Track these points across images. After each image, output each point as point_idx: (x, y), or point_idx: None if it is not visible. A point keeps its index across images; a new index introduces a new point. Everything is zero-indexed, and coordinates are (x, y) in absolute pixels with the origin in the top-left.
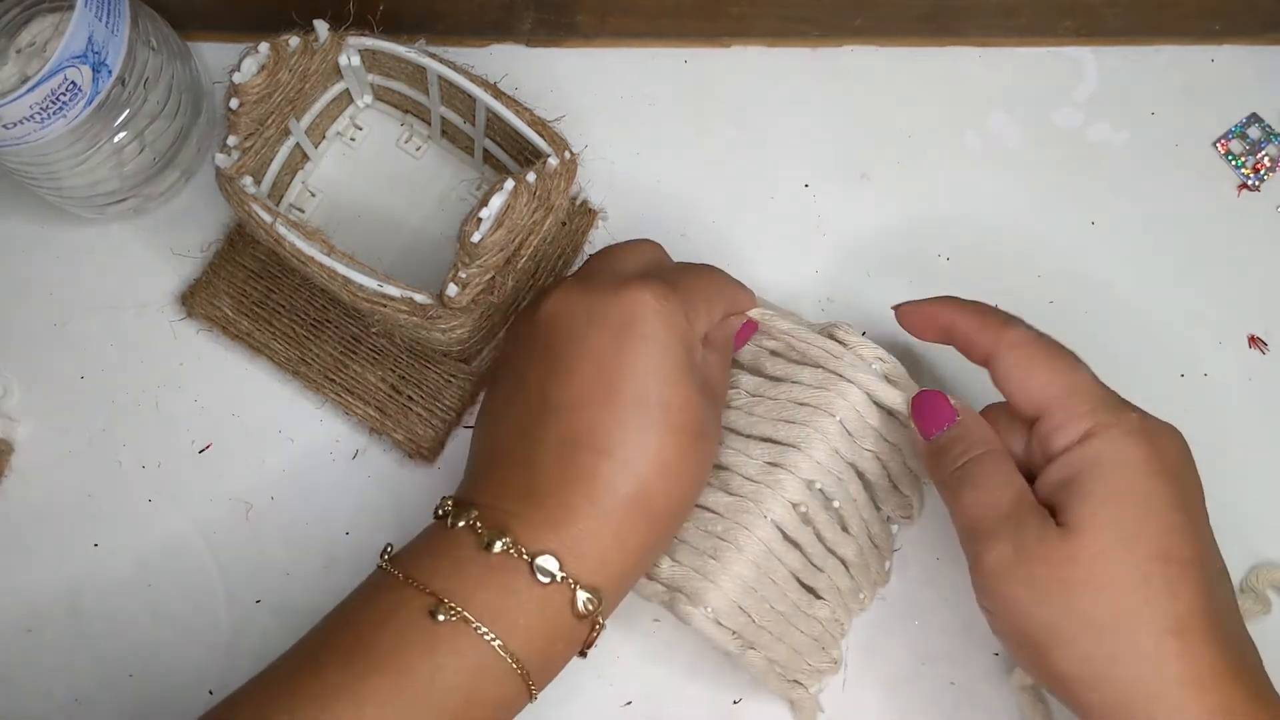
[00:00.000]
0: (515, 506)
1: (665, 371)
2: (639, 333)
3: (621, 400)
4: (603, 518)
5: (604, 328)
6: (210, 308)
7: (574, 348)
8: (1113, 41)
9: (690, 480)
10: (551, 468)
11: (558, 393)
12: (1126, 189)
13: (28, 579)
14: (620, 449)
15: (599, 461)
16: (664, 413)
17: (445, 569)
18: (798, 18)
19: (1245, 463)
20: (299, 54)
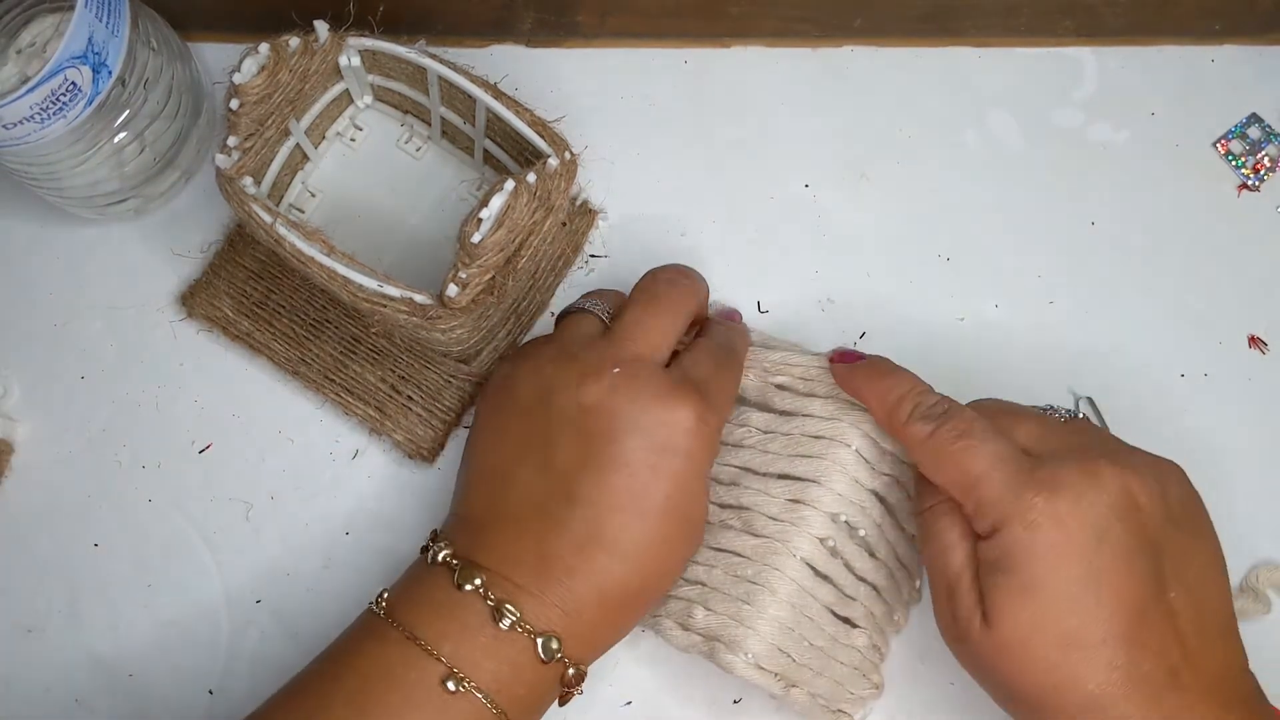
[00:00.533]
0: (526, 582)
1: (694, 490)
2: (677, 456)
3: (651, 514)
4: (603, 609)
5: (646, 441)
6: (210, 308)
7: (613, 449)
8: (1113, 41)
9: (681, 567)
10: (569, 557)
11: (589, 489)
12: (1126, 189)
13: (28, 579)
14: (635, 557)
15: (613, 565)
16: (683, 526)
17: (454, 633)
18: (798, 18)
19: (1245, 463)
20: (299, 54)
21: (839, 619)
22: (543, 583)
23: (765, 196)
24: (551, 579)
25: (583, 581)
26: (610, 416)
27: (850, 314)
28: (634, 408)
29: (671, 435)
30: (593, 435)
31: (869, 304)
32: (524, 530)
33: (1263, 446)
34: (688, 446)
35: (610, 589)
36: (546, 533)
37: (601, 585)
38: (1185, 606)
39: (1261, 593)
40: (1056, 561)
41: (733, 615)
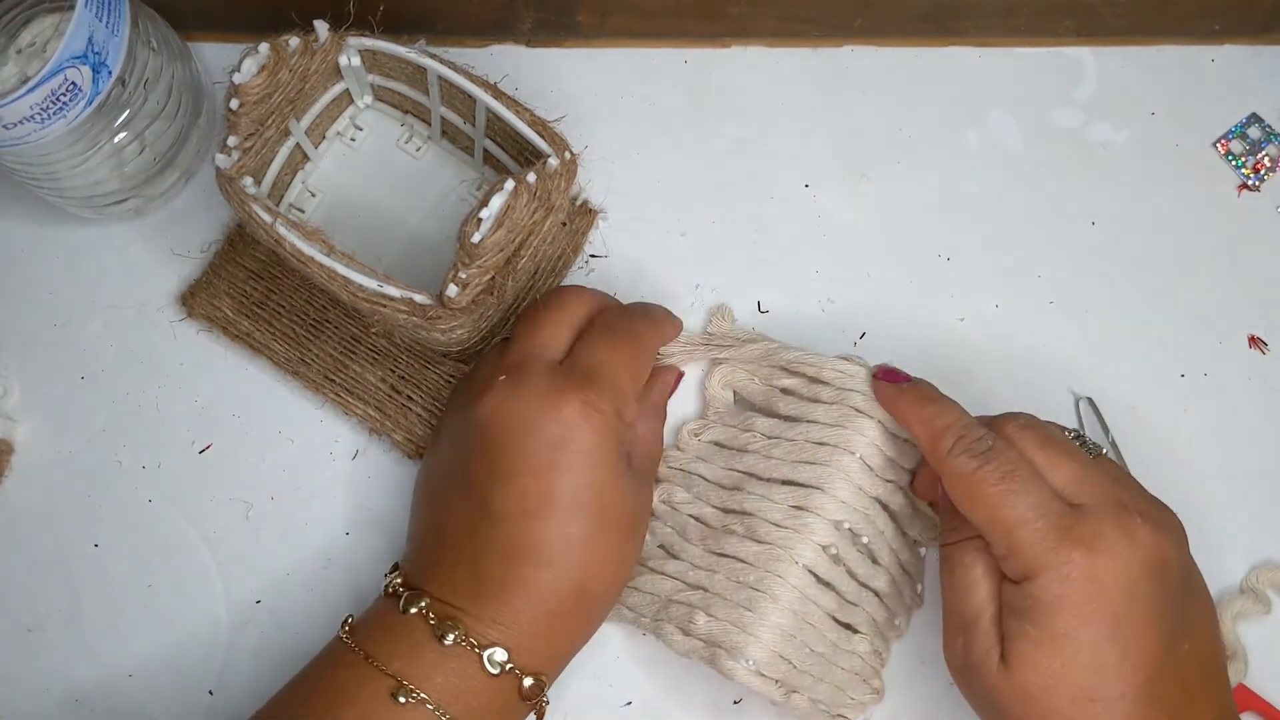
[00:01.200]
0: (463, 603)
1: (600, 479)
2: (572, 448)
3: (560, 512)
4: (544, 618)
5: (539, 440)
6: (210, 308)
7: (512, 456)
8: (1113, 41)
9: (626, 566)
10: (496, 574)
11: (500, 500)
12: (1126, 189)
13: (28, 579)
14: (561, 559)
15: (540, 572)
16: (601, 517)
17: (403, 651)
18: (798, 18)
19: (1245, 462)
20: (299, 54)
21: (840, 625)
22: (479, 602)
23: (765, 196)
24: (485, 597)
25: (515, 594)
26: (504, 425)
27: (850, 314)
28: (524, 410)
29: (562, 430)
30: (492, 448)
31: (869, 304)
32: (458, 554)
33: (1262, 446)
34: (581, 437)
35: (543, 597)
36: (476, 552)
37: (533, 595)
38: (1192, 658)
39: (1261, 593)
40: (1088, 617)
41: (734, 621)
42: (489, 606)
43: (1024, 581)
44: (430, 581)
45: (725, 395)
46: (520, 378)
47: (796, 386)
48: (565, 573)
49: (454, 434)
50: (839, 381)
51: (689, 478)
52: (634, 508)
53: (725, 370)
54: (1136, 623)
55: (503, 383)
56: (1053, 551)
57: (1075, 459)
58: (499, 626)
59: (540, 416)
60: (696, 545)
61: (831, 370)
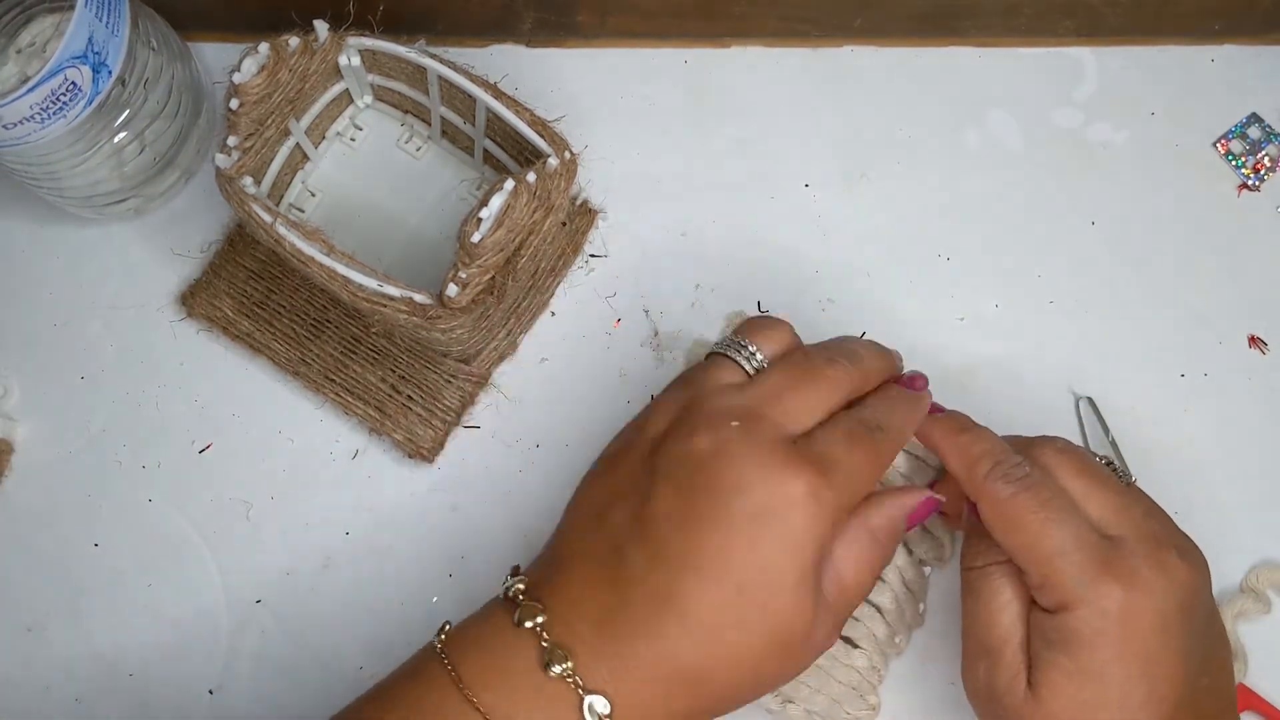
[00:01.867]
0: (585, 629)
1: (784, 579)
2: (776, 527)
3: (729, 586)
4: (661, 681)
5: (746, 503)
6: (210, 308)
7: (708, 507)
8: (1113, 41)
9: (761, 683)
10: (638, 613)
11: (676, 544)
12: (1126, 189)
13: (28, 579)
14: (705, 631)
15: (679, 632)
16: (761, 617)
17: (497, 680)
18: (798, 18)
19: (1245, 463)
20: (299, 54)
21: (841, 638)
22: (603, 635)
23: (765, 196)
24: (613, 633)
25: (645, 644)
26: (716, 472)
27: (850, 314)
28: (744, 466)
29: (776, 504)
30: (692, 488)
31: (869, 304)
32: (600, 574)
33: (1263, 446)
34: (791, 520)
35: (670, 659)
36: (621, 582)
37: (663, 653)
38: (1210, 693)
39: (1262, 593)
40: (1122, 653)
41: None
42: (610, 645)
43: (1059, 612)
44: (556, 596)
45: None
46: (755, 431)
47: None
48: (703, 647)
49: (650, 451)
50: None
51: None
52: (801, 628)
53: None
54: (1166, 659)
55: (735, 428)
56: (1091, 585)
57: (1111, 488)
58: (612, 671)
59: (759, 480)
60: None
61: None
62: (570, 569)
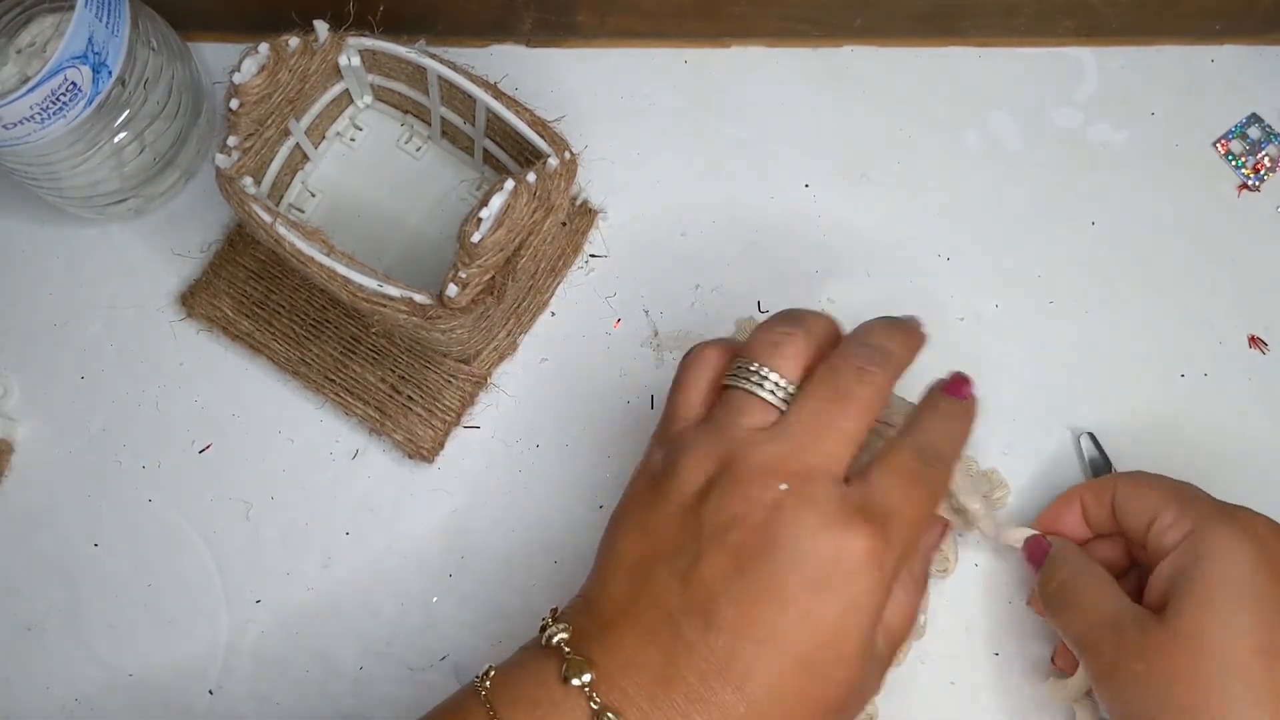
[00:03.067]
0: (636, 693)
1: (845, 649)
2: (837, 599)
3: (788, 659)
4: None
5: (805, 575)
6: (210, 308)
7: (764, 577)
8: (1113, 41)
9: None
10: (694, 682)
11: (731, 614)
12: (1126, 189)
13: (28, 579)
14: (764, 703)
15: (736, 701)
16: (821, 687)
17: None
18: (798, 18)
19: (1245, 463)
20: (299, 54)
21: None
22: (657, 701)
23: (765, 196)
24: (667, 701)
25: (698, 712)
26: (769, 539)
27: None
28: (798, 533)
29: (835, 574)
30: (746, 556)
31: (869, 304)
32: (651, 639)
33: (1263, 446)
34: (851, 590)
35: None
36: (675, 650)
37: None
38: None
39: None
40: (1254, 570)
41: None
42: (663, 712)
43: (1191, 536)
44: (606, 653)
45: None
46: (805, 492)
47: None
48: (756, 714)
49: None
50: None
51: None
52: (857, 691)
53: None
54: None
55: (786, 493)
56: (1225, 513)
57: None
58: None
59: (816, 549)
60: None
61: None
62: (619, 629)
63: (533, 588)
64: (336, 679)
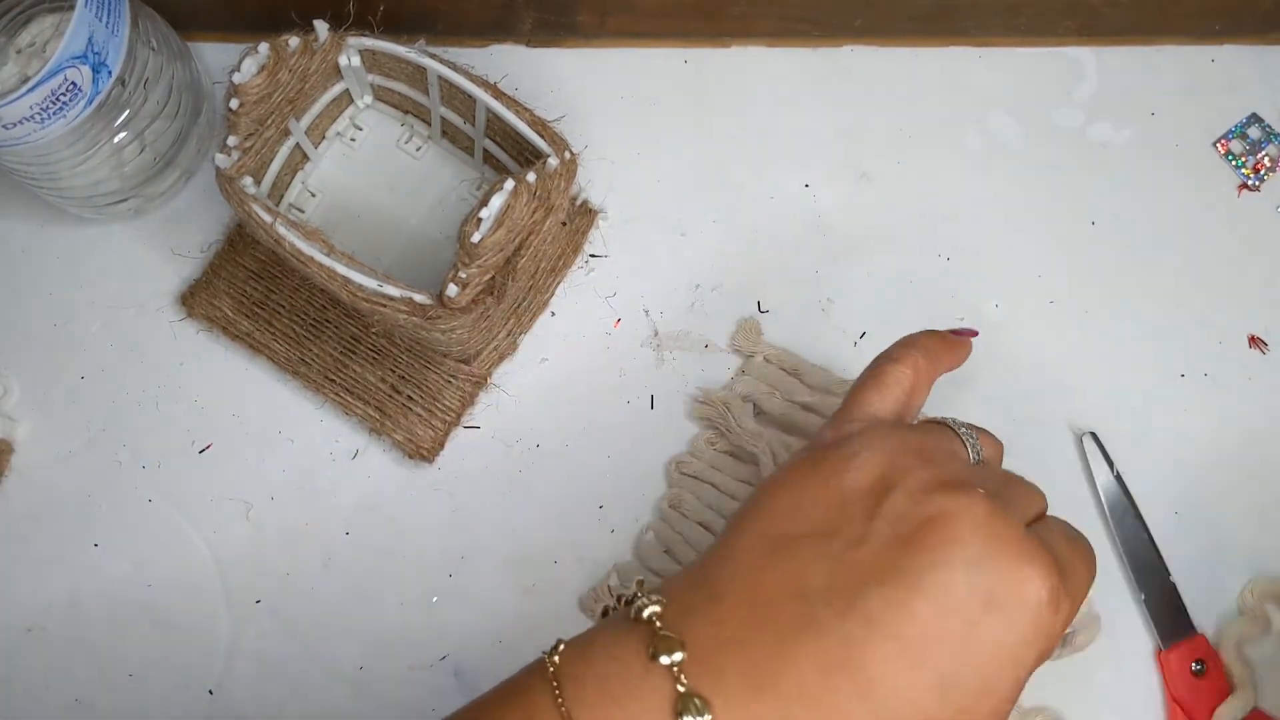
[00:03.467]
0: (734, 677)
1: (998, 683)
2: (1008, 626)
3: (929, 673)
4: None
5: (978, 587)
6: (210, 308)
7: (931, 575)
8: (1113, 41)
9: None
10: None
11: (877, 604)
12: (1126, 189)
13: (28, 579)
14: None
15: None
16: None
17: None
18: (798, 18)
19: (1245, 463)
20: (299, 54)
21: None
22: (753, 691)
23: (765, 196)
24: (772, 689)
25: (807, 708)
26: (949, 538)
27: (850, 314)
28: (982, 544)
29: (1011, 597)
30: (917, 548)
31: (869, 304)
32: (769, 616)
33: (1263, 447)
34: (1024, 621)
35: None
36: (794, 631)
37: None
38: None
39: (1259, 610)
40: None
41: None
42: (759, 704)
43: None
44: (703, 631)
45: (746, 408)
46: (1000, 512)
47: (818, 403)
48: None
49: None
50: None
51: (700, 485)
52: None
53: (747, 383)
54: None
55: (982, 497)
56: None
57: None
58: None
59: (997, 563)
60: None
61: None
62: (729, 602)
63: (533, 588)
64: (336, 679)
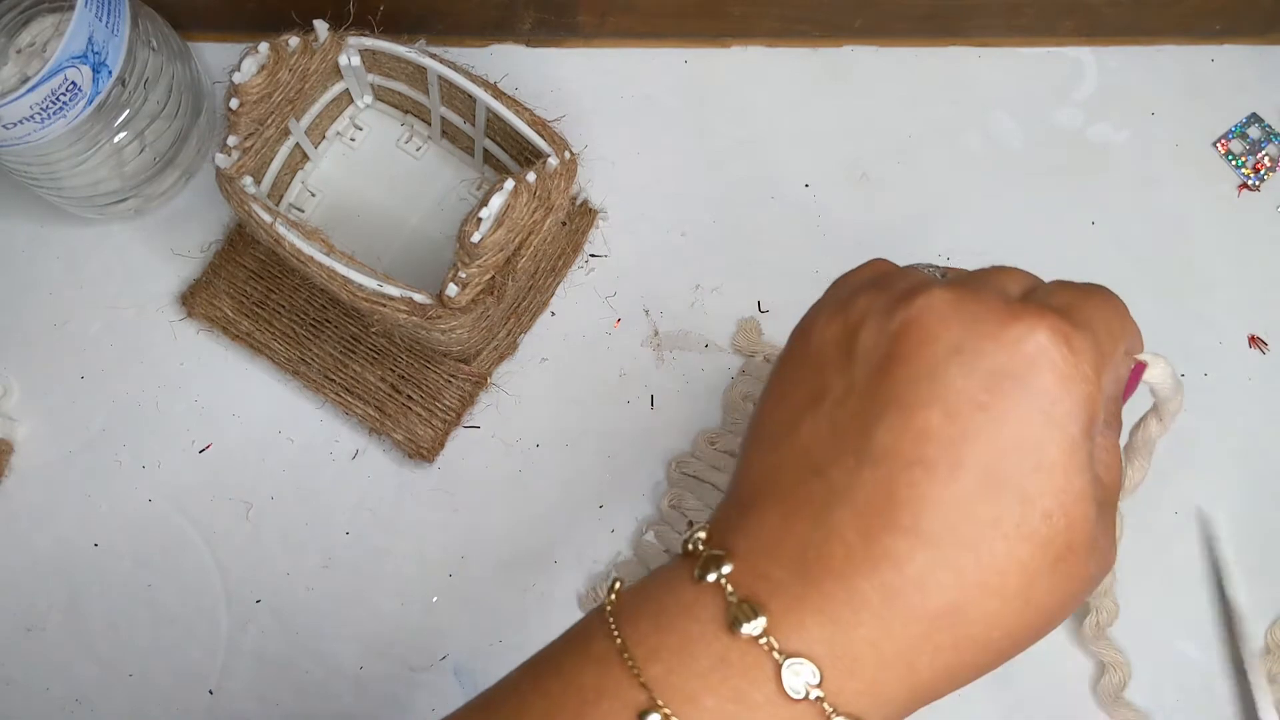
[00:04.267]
0: (782, 574)
1: (1046, 454)
2: (1021, 388)
3: (970, 476)
4: (897, 627)
5: (974, 366)
6: (210, 308)
7: (923, 381)
8: (1113, 41)
9: (1040, 614)
10: (848, 537)
11: (887, 435)
12: (1126, 189)
13: (28, 579)
14: (950, 543)
15: (915, 550)
16: (1025, 511)
17: (673, 648)
18: (798, 18)
19: (1245, 463)
20: (299, 54)
21: None
22: (807, 579)
23: (765, 196)
24: (819, 571)
25: (864, 575)
26: (928, 337)
27: None
28: (959, 330)
29: (1012, 362)
30: (900, 364)
31: None
32: (796, 500)
33: (1263, 446)
34: (1041, 378)
35: (904, 588)
36: (824, 504)
37: (891, 583)
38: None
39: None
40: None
41: None
42: (819, 587)
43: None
44: (746, 539)
45: (746, 407)
46: (969, 290)
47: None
48: (950, 566)
49: (837, 346)
50: None
51: (700, 485)
52: (1080, 525)
53: (747, 382)
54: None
55: (941, 286)
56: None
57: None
58: (823, 622)
59: (983, 339)
60: None
61: None
62: (758, 508)
63: (532, 587)
64: (336, 679)
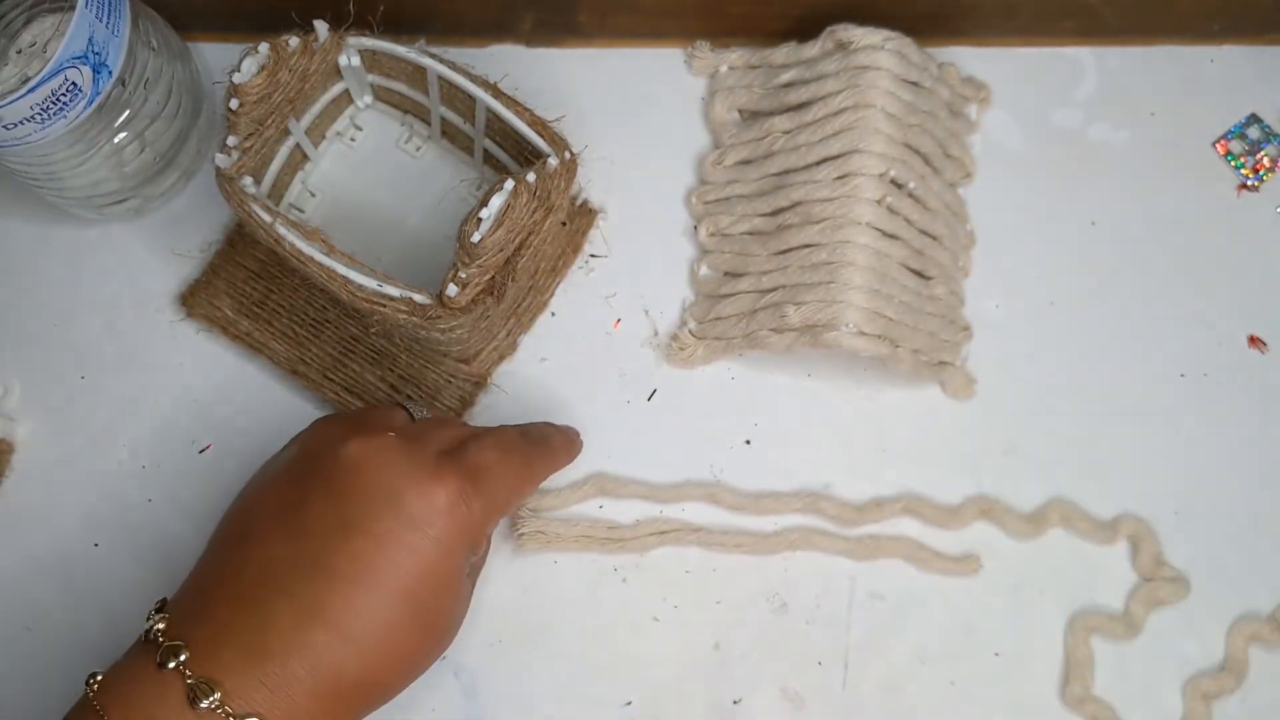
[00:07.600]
0: (233, 659)
1: (439, 578)
2: (425, 532)
3: (382, 590)
4: (321, 695)
5: (397, 510)
6: (210, 308)
7: (361, 513)
8: (1113, 41)
9: (417, 670)
10: (286, 631)
11: (328, 555)
12: (1126, 189)
13: (28, 579)
14: (362, 639)
15: (333, 643)
16: (420, 616)
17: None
18: (798, 17)
19: (1245, 463)
20: (299, 54)
21: (914, 273)
22: (252, 660)
23: None
24: (263, 655)
25: (297, 659)
26: (372, 478)
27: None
28: (398, 474)
29: (424, 511)
30: (346, 495)
31: None
32: (246, 594)
33: (1262, 447)
34: (439, 526)
35: (326, 670)
36: (269, 600)
37: (317, 664)
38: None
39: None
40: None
41: (822, 298)
42: (262, 668)
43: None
44: (200, 627)
45: (732, 118)
46: (410, 445)
47: (799, 74)
48: (358, 654)
49: (304, 469)
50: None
51: (728, 203)
52: (453, 619)
53: (724, 95)
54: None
55: (391, 438)
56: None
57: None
58: (265, 691)
59: (409, 488)
60: (760, 253)
61: (825, 40)
62: (214, 596)
63: (533, 587)
64: None
